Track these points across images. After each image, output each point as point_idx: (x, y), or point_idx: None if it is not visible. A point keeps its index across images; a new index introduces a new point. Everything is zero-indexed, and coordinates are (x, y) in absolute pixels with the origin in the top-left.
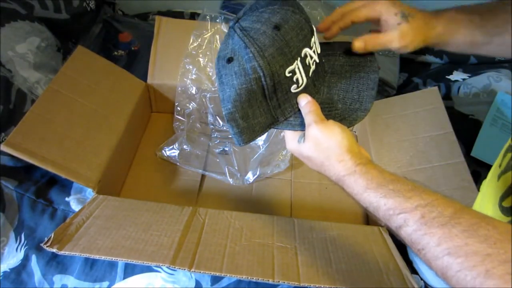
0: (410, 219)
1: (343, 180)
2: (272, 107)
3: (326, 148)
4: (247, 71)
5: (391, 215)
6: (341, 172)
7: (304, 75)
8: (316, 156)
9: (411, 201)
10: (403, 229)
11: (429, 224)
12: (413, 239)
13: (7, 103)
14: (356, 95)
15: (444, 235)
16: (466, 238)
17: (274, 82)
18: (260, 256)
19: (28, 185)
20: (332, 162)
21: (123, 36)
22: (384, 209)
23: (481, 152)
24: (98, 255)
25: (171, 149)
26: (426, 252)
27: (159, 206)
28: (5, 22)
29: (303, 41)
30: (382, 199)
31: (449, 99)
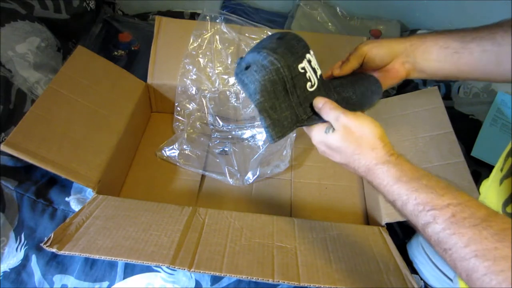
0: (440, 216)
1: (374, 169)
2: (295, 104)
3: (359, 136)
4: (265, 65)
5: (420, 211)
6: (373, 161)
7: (313, 75)
8: (346, 146)
9: (444, 199)
10: (431, 227)
11: (459, 224)
12: (440, 237)
13: (7, 103)
14: (364, 88)
15: (474, 237)
16: (496, 242)
17: (292, 75)
18: (260, 256)
19: (28, 185)
20: (364, 150)
21: (123, 36)
22: (414, 203)
23: (481, 152)
24: (98, 255)
25: (171, 149)
26: (453, 252)
27: (159, 206)
28: (5, 22)
29: (303, 49)
30: (414, 193)
31: (449, 99)
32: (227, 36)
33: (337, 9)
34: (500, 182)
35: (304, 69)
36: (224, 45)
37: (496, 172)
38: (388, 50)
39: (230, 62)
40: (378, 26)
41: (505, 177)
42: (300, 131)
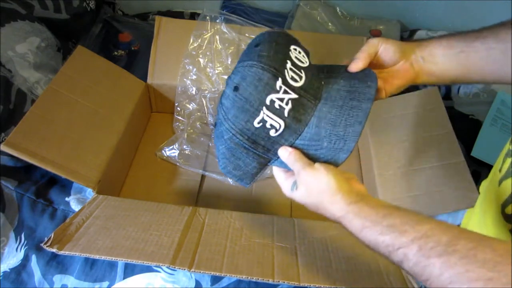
0: (409, 253)
1: (339, 221)
2: (262, 153)
3: (318, 192)
4: (222, 133)
5: (390, 252)
6: (336, 214)
7: (278, 118)
8: (310, 202)
9: (407, 235)
10: (405, 263)
11: (427, 255)
12: (416, 271)
13: (7, 103)
14: (342, 131)
15: (444, 264)
16: (465, 265)
17: (248, 136)
18: (260, 256)
19: (28, 185)
20: (325, 205)
21: (123, 36)
22: (383, 246)
23: (481, 152)
24: (98, 255)
25: (171, 149)
26: (431, 282)
27: (159, 206)
28: (5, 22)
29: (264, 91)
30: (380, 237)
31: (449, 99)
32: (227, 36)
33: (337, 9)
34: (499, 183)
35: (262, 121)
36: (224, 45)
37: (495, 173)
38: (399, 47)
39: (230, 62)
40: (378, 26)
41: (504, 178)
42: None
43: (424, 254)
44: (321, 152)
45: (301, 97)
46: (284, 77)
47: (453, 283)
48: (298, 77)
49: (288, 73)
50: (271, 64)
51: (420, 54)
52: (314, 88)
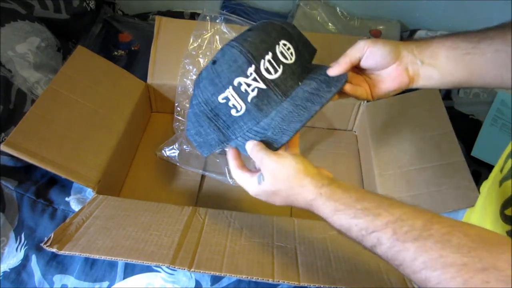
0: (383, 236)
1: (311, 204)
2: (221, 127)
3: (286, 177)
4: (192, 98)
5: (364, 235)
6: (307, 197)
7: (240, 101)
8: (280, 189)
9: (381, 218)
10: (378, 248)
11: (402, 240)
12: (389, 256)
13: (7, 103)
14: (286, 126)
15: (419, 249)
16: (440, 250)
17: (211, 107)
18: (260, 256)
19: (28, 185)
20: (296, 190)
21: (123, 36)
22: (356, 229)
23: (482, 152)
24: (97, 255)
25: (171, 149)
26: (404, 267)
27: (158, 206)
28: (5, 22)
29: (235, 72)
30: (353, 220)
31: (449, 99)
32: (227, 36)
33: (337, 9)
34: (499, 184)
35: (226, 98)
36: None
37: (496, 173)
38: (392, 48)
39: None
40: (378, 26)
41: (505, 179)
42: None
43: (399, 238)
44: (261, 140)
45: (269, 89)
46: (258, 66)
47: (426, 268)
48: (273, 70)
49: (264, 64)
50: (249, 51)
51: (419, 56)
52: (286, 86)
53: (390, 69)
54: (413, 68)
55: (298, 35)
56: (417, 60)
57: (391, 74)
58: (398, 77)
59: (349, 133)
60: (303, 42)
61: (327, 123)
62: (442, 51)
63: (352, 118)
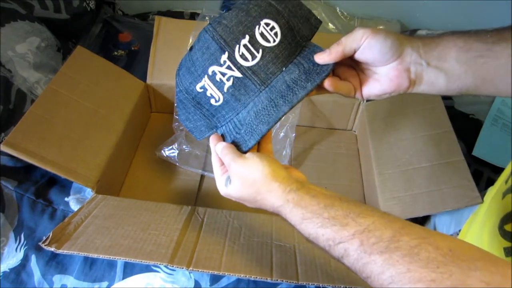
0: (350, 248)
1: (279, 211)
2: (207, 115)
3: (253, 182)
4: (175, 85)
5: (330, 246)
6: (275, 203)
7: (217, 91)
8: (246, 194)
9: (348, 229)
10: (345, 259)
11: (369, 252)
12: (357, 268)
13: (7, 103)
14: (256, 126)
15: (386, 262)
16: (408, 264)
17: (192, 95)
18: (258, 255)
19: (28, 185)
20: (263, 194)
21: (123, 36)
22: (322, 239)
23: (483, 152)
24: (96, 254)
25: (170, 149)
26: (373, 280)
27: (157, 206)
28: (5, 22)
29: (208, 60)
30: (320, 229)
31: (450, 99)
32: None
33: (337, 9)
34: (502, 196)
35: (203, 87)
36: None
37: (501, 184)
38: (395, 43)
39: None
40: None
41: (508, 191)
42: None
43: (366, 250)
44: (236, 137)
45: (246, 77)
46: (231, 53)
47: (394, 283)
48: (250, 56)
49: (239, 50)
50: (222, 35)
51: (425, 56)
52: (266, 72)
53: (389, 67)
54: (416, 70)
55: (291, 9)
56: (422, 61)
57: (389, 73)
58: (397, 78)
59: (349, 132)
60: (300, 17)
61: (326, 123)
62: (453, 52)
63: (351, 118)
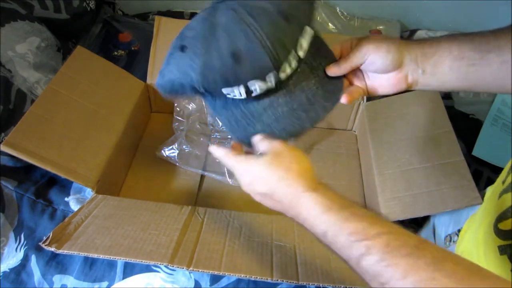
0: (374, 246)
1: (300, 197)
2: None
3: (289, 162)
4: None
5: (353, 242)
6: (300, 188)
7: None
8: (272, 172)
9: (375, 227)
10: (365, 259)
11: (393, 254)
12: (376, 270)
13: (7, 103)
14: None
15: (410, 267)
16: (432, 272)
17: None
18: (259, 255)
19: (28, 185)
20: (291, 176)
21: (123, 36)
22: (346, 233)
23: (483, 152)
24: (96, 254)
25: (170, 149)
26: (390, 286)
27: (158, 206)
28: (5, 22)
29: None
30: (345, 223)
31: (450, 99)
32: None
33: (337, 9)
34: (499, 196)
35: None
36: None
37: (498, 184)
38: (395, 56)
39: None
40: (378, 26)
41: (505, 192)
42: None
43: (391, 251)
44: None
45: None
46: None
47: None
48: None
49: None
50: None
51: (422, 65)
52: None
53: (390, 75)
54: (413, 76)
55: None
56: (419, 69)
57: (389, 79)
58: (396, 84)
59: (349, 132)
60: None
61: (327, 123)
62: (447, 60)
63: (351, 118)
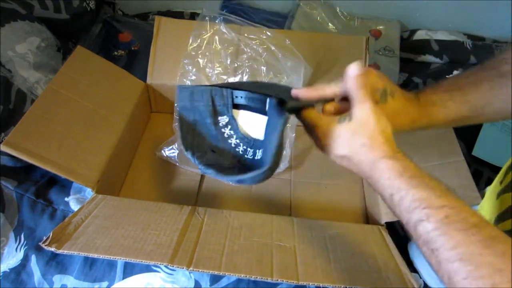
0: (434, 216)
1: (379, 163)
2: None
3: (373, 129)
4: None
5: (415, 207)
6: (380, 153)
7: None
8: (359, 136)
9: (441, 200)
10: (422, 224)
11: (450, 226)
12: (429, 237)
13: (7, 103)
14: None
15: (462, 240)
16: (482, 248)
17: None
18: (259, 255)
19: (28, 185)
20: (375, 143)
21: (123, 36)
22: (411, 199)
23: (482, 152)
24: (96, 254)
25: (170, 149)
26: (439, 253)
27: (158, 206)
28: (5, 22)
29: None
30: (413, 189)
31: None
32: (227, 36)
33: (337, 9)
34: (497, 196)
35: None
36: (223, 46)
37: (496, 184)
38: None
39: (229, 63)
40: (378, 26)
41: (503, 192)
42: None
43: (448, 223)
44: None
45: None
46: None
47: (461, 260)
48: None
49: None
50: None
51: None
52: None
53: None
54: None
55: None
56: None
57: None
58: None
59: None
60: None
61: None
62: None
63: None
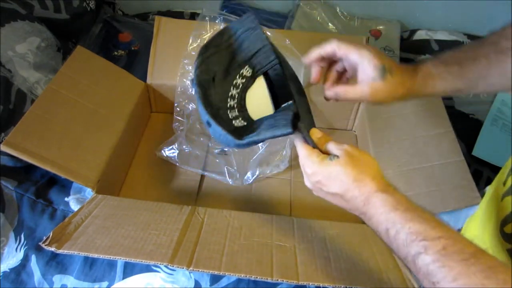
0: (432, 248)
1: (372, 197)
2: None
3: (363, 164)
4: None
5: (413, 241)
6: (373, 188)
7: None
8: (349, 173)
9: (436, 231)
10: (421, 257)
11: (449, 257)
12: (429, 270)
13: (7, 103)
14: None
15: (462, 271)
16: (483, 279)
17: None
18: (259, 255)
19: (28, 185)
20: (365, 178)
21: (123, 36)
22: (407, 232)
23: (483, 152)
24: (96, 253)
25: (170, 149)
26: (441, 286)
27: (158, 206)
28: (5, 22)
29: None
30: (409, 222)
31: (450, 99)
32: None
33: (337, 9)
34: (501, 198)
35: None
36: None
37: (498, 185)
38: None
39: None
40: (378, 26)
41: (507, 194)
42: None
43: (447, 254)
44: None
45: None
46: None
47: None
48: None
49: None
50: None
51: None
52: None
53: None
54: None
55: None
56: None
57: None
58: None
59: (349, 133)
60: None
61: (327, 123)
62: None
63: (352, 118)
